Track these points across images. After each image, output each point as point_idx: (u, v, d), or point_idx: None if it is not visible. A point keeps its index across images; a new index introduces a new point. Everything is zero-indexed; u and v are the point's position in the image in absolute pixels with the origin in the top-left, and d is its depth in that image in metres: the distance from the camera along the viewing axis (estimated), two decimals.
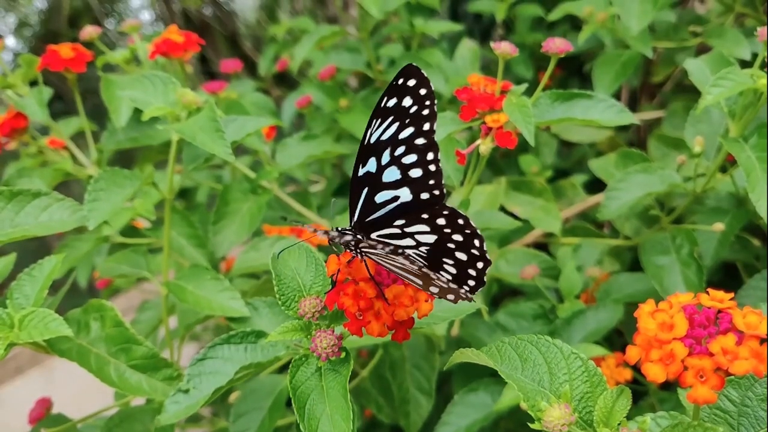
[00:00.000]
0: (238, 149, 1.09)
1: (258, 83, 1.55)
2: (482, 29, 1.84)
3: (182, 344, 0.99)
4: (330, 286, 0.59)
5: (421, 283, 0.54)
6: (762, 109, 0.81)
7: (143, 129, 0.99)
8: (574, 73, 1.63)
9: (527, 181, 1.07)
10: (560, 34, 1.55)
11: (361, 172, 0.56)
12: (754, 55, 0.80)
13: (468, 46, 1.40)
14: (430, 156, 0.54)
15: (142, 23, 1.10)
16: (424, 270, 0.52)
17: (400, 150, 0.55)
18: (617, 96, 1.51)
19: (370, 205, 0.56)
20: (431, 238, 0.55)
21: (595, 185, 1.24)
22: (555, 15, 1.32)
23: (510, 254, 1.06)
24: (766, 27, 0.76)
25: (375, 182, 0.56)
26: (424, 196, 0.55)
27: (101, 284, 1.39)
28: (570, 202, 1.24)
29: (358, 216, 0.57)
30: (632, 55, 1.18)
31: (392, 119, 0.54)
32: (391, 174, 0.55)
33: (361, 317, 0.56)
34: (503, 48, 0.71)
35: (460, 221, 0.55)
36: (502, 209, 1.03)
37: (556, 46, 0.72)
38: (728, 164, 0.91)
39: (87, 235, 0.97)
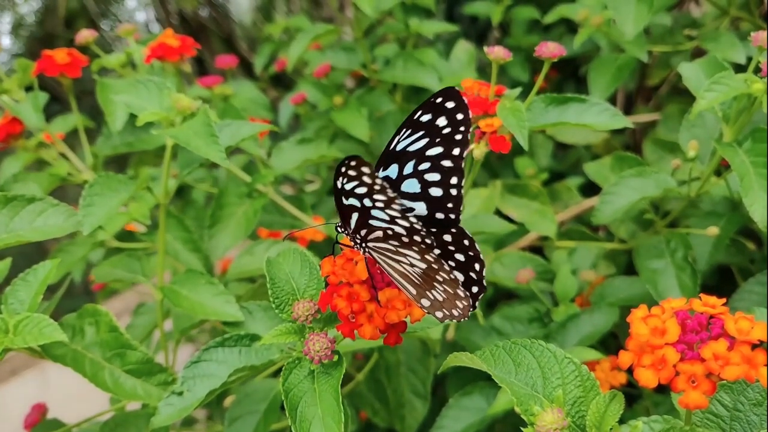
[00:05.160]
0: (233, 149, 1.09)
1: (254, 84, 1.55)
2: (478, 32, 1.85)
3: (177, 349, 0.99)
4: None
5: (414, 293, 0.54)
6: (756, 114, 0.81)
7: (139, 134, 0.99)
8: (570, 76, 1.63)
9: (523, 184, 1.07)
10: (556, 37, 1.55)
11: (381, 174, 0.56)
12: (749, 59, 0.80)
13: (464, 48, 1.40)
14: (453, 180, 0.55)
15: (137, 27, 1.10)
16: (428, 273, 0.52)
17: (425, 166, 0.55)
18: (613, 99, 1.51)
19: None
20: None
21: (591, 188, 1.24)
22: (550, 18, 1.32)
23: (505, 258, 1.06)
24: (760, 32, 0.77)
25: (393, 189, 0.55)
26: (439, 215, 0.56)
27: (98, 287, 1.39)
28: (565, 205, 1.24)
29: None
30: (628, 58, 1.18)
31: (423, 134, 0.54)
32: (411, 186, 0.55)
33: (354, 320, 0.56)
34: (496, 53, 0.72)
35: (466, 242, 0.55)
36: (498, 212, 1.03)
37: (549, 50, 0.72)
38: (723, 168, 0.91)
39: (82, 239, 0.97)
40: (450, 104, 0.53)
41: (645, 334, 0.45)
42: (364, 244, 0.55)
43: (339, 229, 0.56)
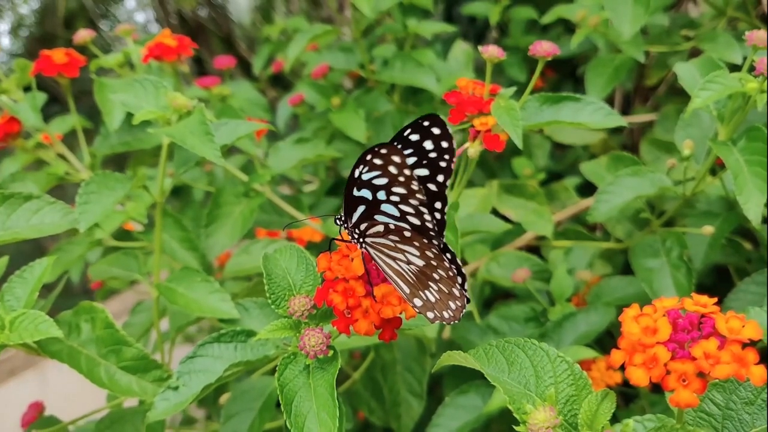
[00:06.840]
0: (231, 149, 1.09)
1: (253, 85, 1.55)
2: (477, 32, 1.85)
3: (173, 346, 0.99)
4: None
5: (408, 291, 0.55)
6: (750, 113, 0.81)
7: (136, 133, 0.99)
8: (567, 77, 1.63)
9: (520, 184, 1.07)
10: (554, 37, 1.55)
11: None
12: (746, 59, 0.80)
13: (462, 48, 1.40)
14: (437, 205, 0.56)
15: (135, 27, 1.10)
16: (425, 270, 0.53)
17: None
18: (611, 99, 1.51)
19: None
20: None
21: (588, 188, 1.24)
22: (548, 18, 1.32)
23: (502, 257, 1.06)
24: (755, 31, 0.77)
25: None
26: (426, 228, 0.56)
27: (95, 285, 1.39)
28: (562, 205, 1.24)
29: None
30: (625, 59, 1.18)
31: (412, 152, 0.55)
32: None
33: (350, 315, 0.56)
34: (490, 51, 0.72)
35: (449, 255, 0.56)
36: (495, 212, 1.03)
37: (543, 49, 0.72)
38: (718, 167, 0.92)
39: (80, 238, 0.97)
40: (435, 130, 0.54)
41: (636, 333, 0.45)
42: (362, 239, 0.56)
43: (338, 221, 0.57)
